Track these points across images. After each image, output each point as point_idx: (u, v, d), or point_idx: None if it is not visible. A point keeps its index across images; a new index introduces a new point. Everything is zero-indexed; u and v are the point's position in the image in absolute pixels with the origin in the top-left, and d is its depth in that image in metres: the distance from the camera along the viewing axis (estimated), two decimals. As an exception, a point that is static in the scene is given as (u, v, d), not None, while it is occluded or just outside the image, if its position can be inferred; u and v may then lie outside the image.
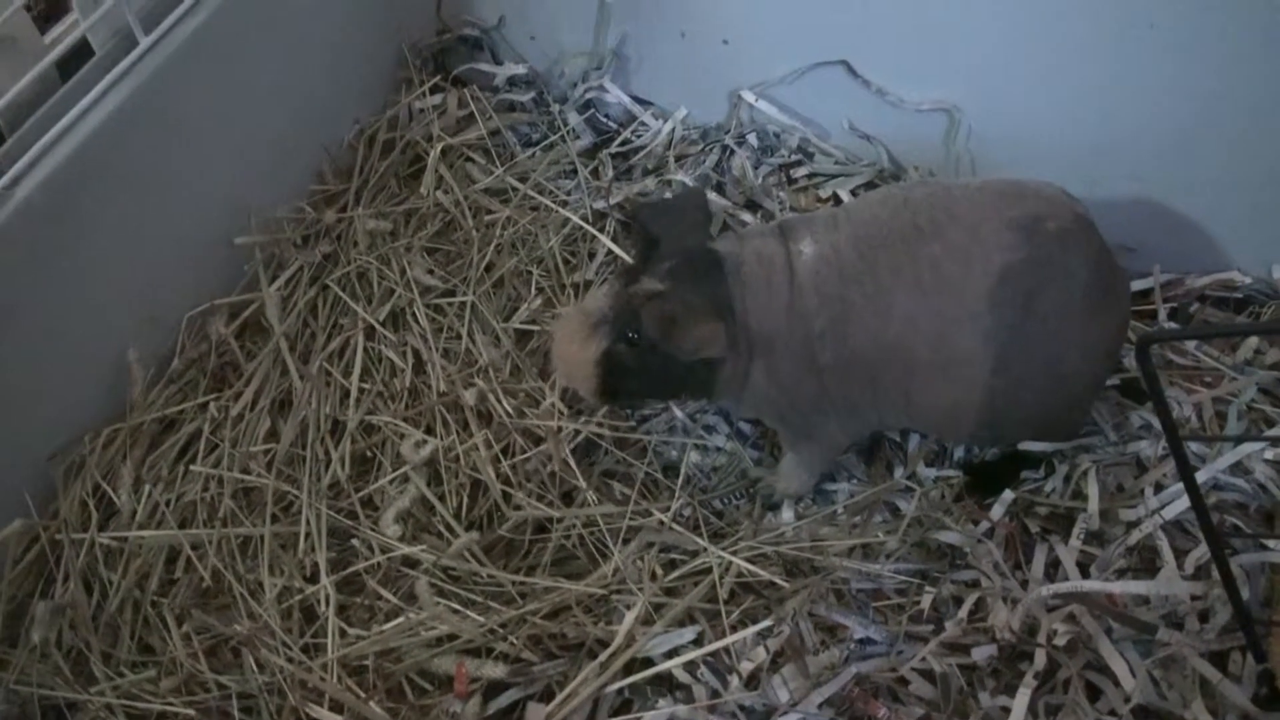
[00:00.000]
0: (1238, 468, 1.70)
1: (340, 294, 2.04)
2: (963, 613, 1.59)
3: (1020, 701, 1.47)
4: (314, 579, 1.70)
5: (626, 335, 1.54)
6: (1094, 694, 1.52)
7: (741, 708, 1.54)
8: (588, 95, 2.34)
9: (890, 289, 1.53)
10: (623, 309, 1.55)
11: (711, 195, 2.14)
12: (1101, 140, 1.93)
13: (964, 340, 1.54)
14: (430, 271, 2.06)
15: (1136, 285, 1.95)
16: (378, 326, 1.98)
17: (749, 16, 2.12)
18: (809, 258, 1.56)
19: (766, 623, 1.58)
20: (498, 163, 2.26)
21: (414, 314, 2.00)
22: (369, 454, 1.86)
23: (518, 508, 1.76)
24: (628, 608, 1.61)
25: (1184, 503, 1.65)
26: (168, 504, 1.78)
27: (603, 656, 1.54)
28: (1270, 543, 1.60)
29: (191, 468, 1.82)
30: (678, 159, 2.25)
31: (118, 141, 1.74)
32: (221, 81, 1.94)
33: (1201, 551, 1.61)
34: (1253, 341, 1.88)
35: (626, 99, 2.33)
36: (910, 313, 1.54)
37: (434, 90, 2.34)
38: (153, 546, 1.72)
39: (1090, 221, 1.59)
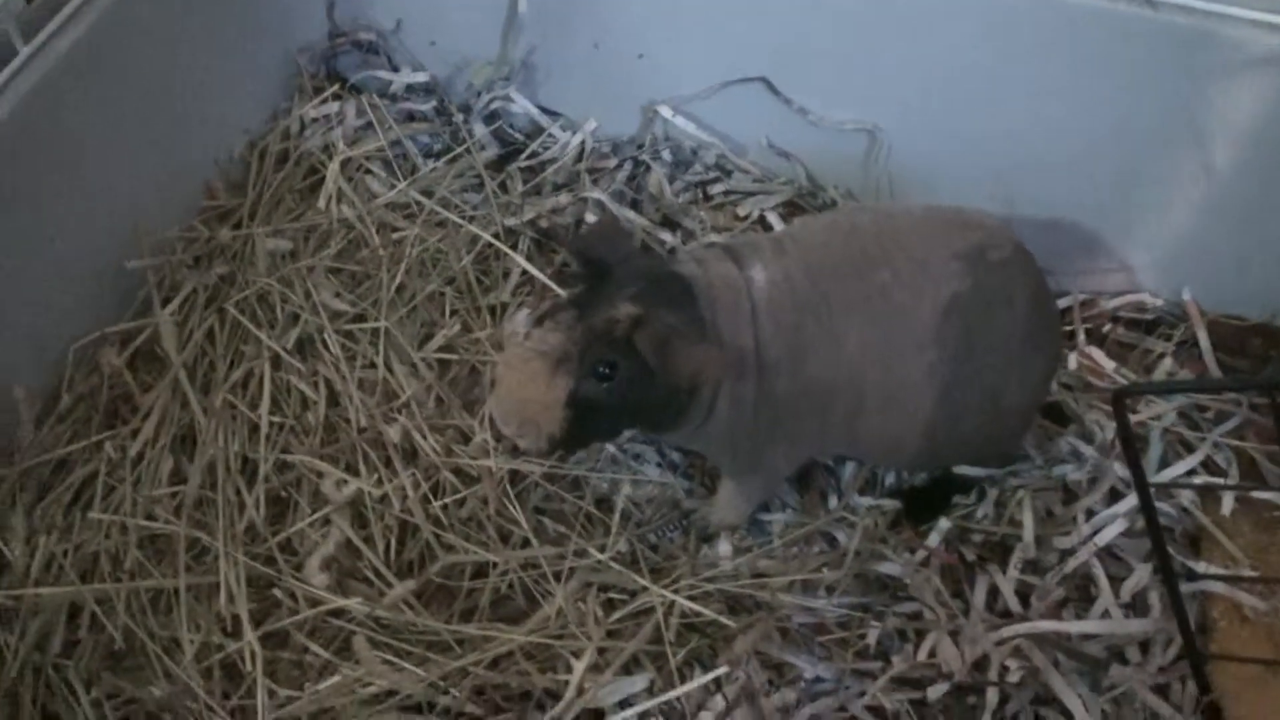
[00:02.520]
0: (1163, 493, 1.74)
1: (240, 319, 1.92)
2: (922, 655, 1.59)
3: (982, 743, 1.48)
4: (235, 634, 1.59)
5: (597, 370, 1.42)
6: (1042, 727, 1.55)
7: (695, 756, 1.51)
8: (493, 105, 2.26)
9: (844, 316, 1.51)
10: (590, 342, 1.42)
11: (628, 213, 2.10)
12: (1019, 163, 1.95)
13: (910, 371, 1.53)
14: (337, 294, 1.96)
15: (1054, 306, 1.98)
16: (284, 355, 1.87)
17: (667, 30, 2.07)
18: (762, 284, 1.51)
19: (723, 669, 1.54)
20: (400, 175, 2.16)
21: (324, 341, 1.90)
22: (283, 494, 1.75)
23: (449, 549, 1.69)
24: (572, 654, 1.56)
25: (1115, 529, 1.68)
26: (65, 555, 1.65)
27: (554, 711, 1.49)
28: (1199, 569, 1.64)
29: (89, 514, 1.69)
30: (590, 173, 2.19)
31: (-7, 160, 1.61)
32: (104, 93, 1.81)
33: (1137, 580, 1.64)
34: (1166, 364, 1.93)
35: (534, 109, 2.26)
36: (863, 340, 1.52)
37: (330, 98, 2.23)
38: (52, 604, 1.59)
39: (1028, 251, 1.60)
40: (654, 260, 1.52)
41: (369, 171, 2.18)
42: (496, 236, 2.06)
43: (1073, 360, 1.94)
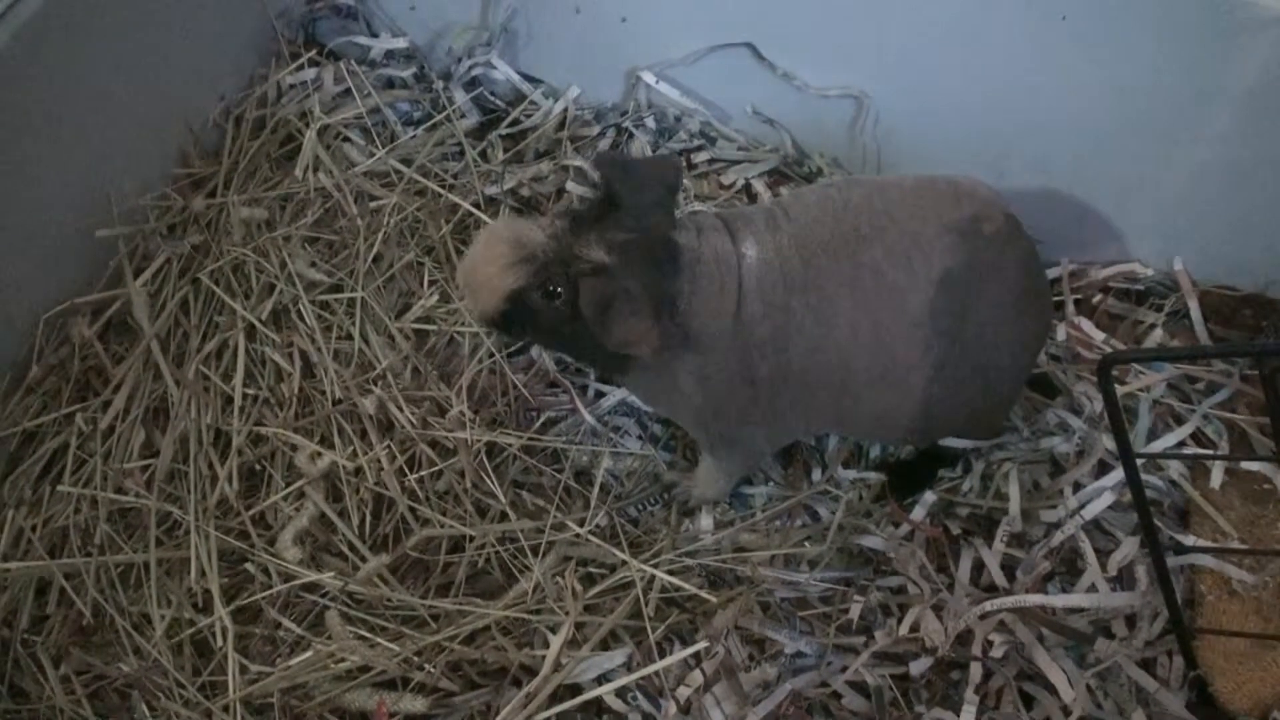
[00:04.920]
0: (1151, 465, 1.72)
1: (215, 289, 1.88)
2: (903, 629, 1.56)
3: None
4: (206, 609, 1.56)
5: (548, 287, 1.42)
6: (1026, 701, 1.52)
7: (676, 733, 1.48)
8: (473, 72, 2.21)
9: (834, 298, 1.47)
10: (557, 259, 1.42)
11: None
12: (1010, 131, 1.92)
13: (903, 349, 1.50)
14: (313, 264, 1.92)
15: (1044, 276, 1.94)
16: (259, 325, 1.84)
17: (651, -7, 2.03)
18: (753, 262, 1.48)
19: (701, 644, 1.51)
20: (378, 143, 2.12)
21: (299, 311, 1.86)
22: (258, 467, 1.72)
23: (425, 523, 1.66)
24: (549, 629, 1.53)
25: (1103, 502, 1.66)
26: (34, 530, 1.62)
27: (530, 686, 1.46)
28: (1188, 542, 1.62)
29: (59, 488, 1.66)
30: (572, 140, 2.15)
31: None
32: (74, 57, 1.76)
33: (1124, 553, 1.62)
34: (1156, 335, 1.89)
35: (515, 76, 2.21)
36: (852, 322, 1.48)
37: (307, 64, 2.18)
38: (20, 579, 1.57)
39: (1018, 221, 1.57)
40: (661, 219, 1.47)
41: (347, 139, 2.14)
42: (477, 205, 2.03)
43: (1061, 331, 1.91)
